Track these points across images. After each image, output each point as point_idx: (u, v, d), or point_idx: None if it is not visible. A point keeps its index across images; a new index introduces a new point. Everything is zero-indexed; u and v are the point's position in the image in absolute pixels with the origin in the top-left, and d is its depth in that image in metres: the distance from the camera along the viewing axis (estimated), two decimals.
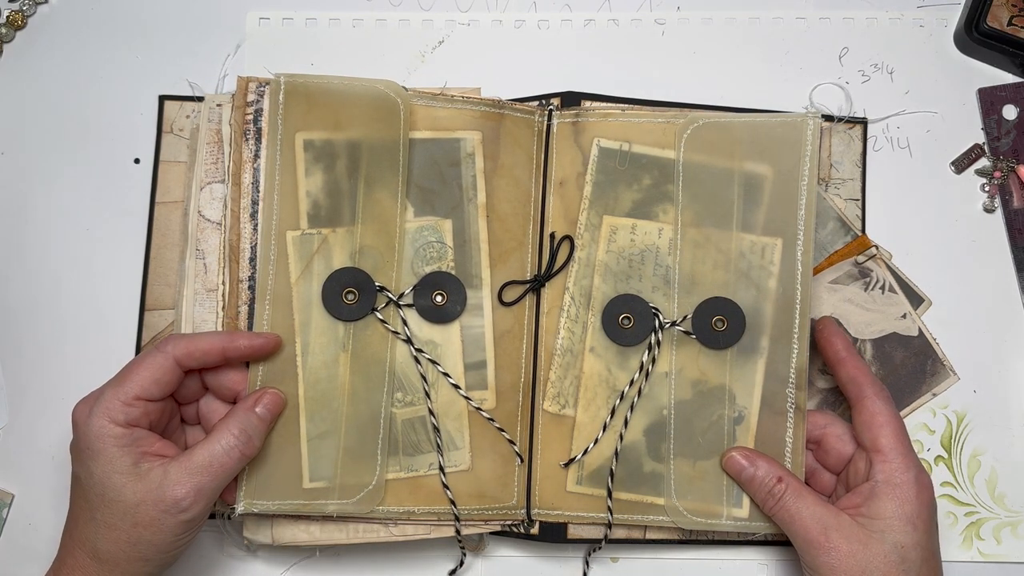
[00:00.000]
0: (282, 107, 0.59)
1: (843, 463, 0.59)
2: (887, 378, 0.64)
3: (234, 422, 0.55)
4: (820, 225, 0.64)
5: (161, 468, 0.53)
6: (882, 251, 0.65)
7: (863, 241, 0.65)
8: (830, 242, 0.65)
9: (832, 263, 0.64)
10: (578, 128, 0.62)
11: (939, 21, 0.68)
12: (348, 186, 0.59)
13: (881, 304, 0.65)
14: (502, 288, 0.61)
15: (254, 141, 0.60)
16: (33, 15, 0.67)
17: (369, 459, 0.58)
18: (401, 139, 0.60)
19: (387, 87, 0.60)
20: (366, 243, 0.59)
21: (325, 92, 0.60)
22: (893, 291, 0.65)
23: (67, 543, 0.54)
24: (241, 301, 0.59)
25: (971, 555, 0.63)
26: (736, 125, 0.61)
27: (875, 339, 0.64)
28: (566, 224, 0.62)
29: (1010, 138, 0.66)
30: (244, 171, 0.60)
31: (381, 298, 0.59)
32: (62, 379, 0.64)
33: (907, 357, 0.64)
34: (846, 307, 0.64)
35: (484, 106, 0.61)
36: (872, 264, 0.64)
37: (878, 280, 0.65)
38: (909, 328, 0.65)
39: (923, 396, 0.64)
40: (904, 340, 0.64)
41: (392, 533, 0.59)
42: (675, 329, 0.60)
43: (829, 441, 0.59)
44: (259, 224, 0.59)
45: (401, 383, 0.59)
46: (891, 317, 0.65)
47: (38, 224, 0.65)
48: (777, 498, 0.57)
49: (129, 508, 0.52)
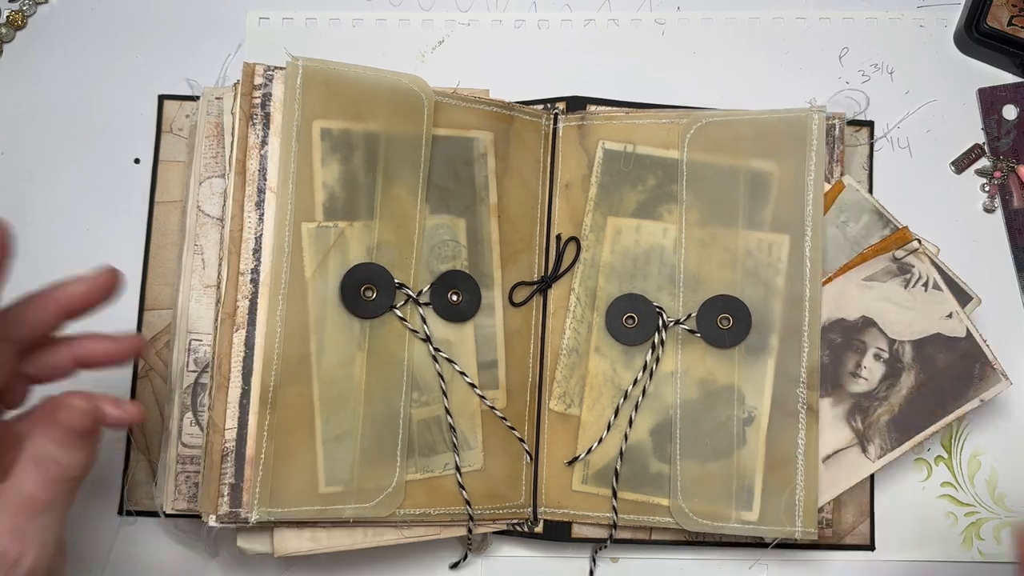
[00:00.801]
0: (300, 92, 0.57)
1: None
2: (928, 383, 0.60)
3: (28, 451, 0.44)
4: (852, 219, 0.62)
5: None
6: (926, 245, 0.61)
7: (903, 234, 0.61)
8: (864, 236, 0.62)
9: (865, 259, 0.61)
10: (583, 131, 0.62)
11: (939, 21, 0.68)
12: (365, 179, 0.58)
13: (923, 303, 0.61)
14: (512, 288, 0.61)
15: (261, 127, 0.57)
16: (33, 15, 0.67)
17: (388, 461, 0.57)
18: (424, 136, 0.59)
19: (412, 81, 0.59)
20: (384, 239, 0.58)
21: (345, 80, 0.58)
22: (938, 288, 0.61)
23: None
24: (241, 295, 0.57)
25: (971, 555, 0.63)
26: (740, 123, 0.61)
27: (915, 340, 0.61)
28: (572, 226, 0.62)
29: (1010, 138, 0.66)
30: (250, 158, 0.57)
31: (400, 296, 0.58)
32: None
33: (952, 360, 0.61)
34: (882, 306, 0.61)
35: (495, 107, 0.61)
36: (913, 259, 0.61)
37: (920, 276, 0.61)
38: (955, 329, 0.61)
39: (971, 402, 0.60)
40: (949, 342, 0.61)
41: (404, 535, 0.58)
42: (679, 328, 0.60)
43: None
44: (273, 214, 0.57)
45: (417, 383, 0.58)
46: (935, 317, 0.61)
47: (38, 224, 0.65)
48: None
49: None
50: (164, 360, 0.63)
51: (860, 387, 0.61)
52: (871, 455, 0.61)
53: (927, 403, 0.61)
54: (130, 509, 0.62)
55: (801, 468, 0.58)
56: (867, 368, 0.61)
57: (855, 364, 0.61)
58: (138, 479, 0.62)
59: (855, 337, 0.61)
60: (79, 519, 0.62)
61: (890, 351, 0.61)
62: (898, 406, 0.61)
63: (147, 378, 0.63)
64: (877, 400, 0.61)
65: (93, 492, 0.62)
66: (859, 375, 0.61)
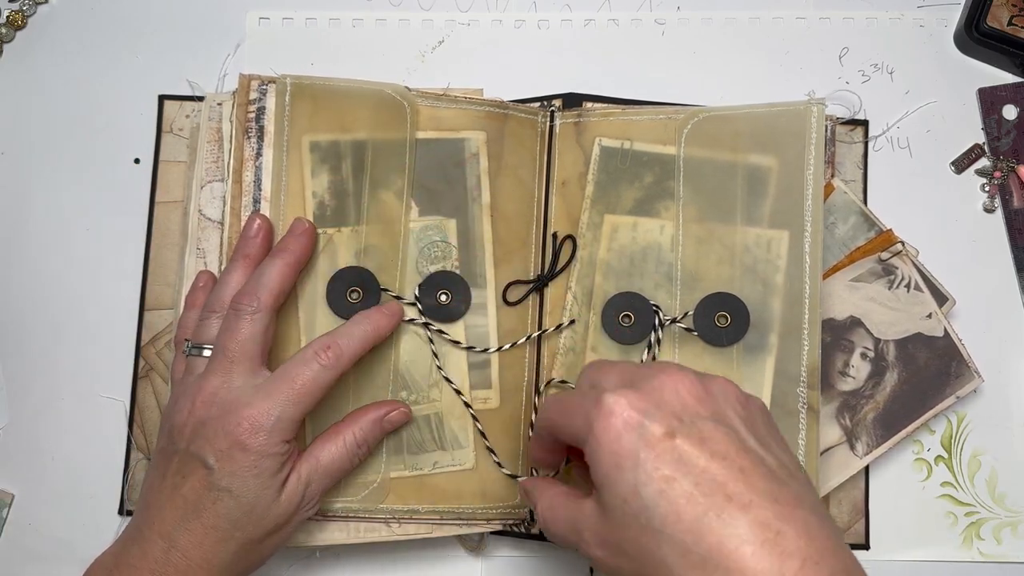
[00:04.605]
0: (288, 109, 0.59)
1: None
2: (910, 380, 0.62)
3: (359, 428, 0.55)
4: (841, 220, 0.63)
5: (296, 476, 0.52)
6: (908, 247, 0.63)
7: (888, 237, 0.63)
8: (851, 238, 0.63)
9: (854, 260, 0.63)
10: (580, 128, 0.62)
11: (939, 21, 0.68)
12: (354, 186, 0.59)
13: (906, 303, 0.63)
14: (506, 288, 0.61)
15: (256, 139, 0.59)
16: (33, 15, 0.67)
17: (373, 457, 0.58)
18: (408, 141, 0.60)
19: (393, 90, 0.60)
20: (371, 242, 0.59)
21: (331, 94, 0.60)
22: (919, 289, 0.63)
23: (165, 558, 0.49)
24: None
25: (971, 555, 0.63)
26: (738, 118, 0.60)
27: (898, 340, 0.63)
28: (569, 224, 0.62)
29: (1010, 138, 0.66)
30: (246, 169, 0.59)
31: (385, 297, 0.59)
32: (62, 379, 0.63)
33: (931, 358, 0.62)
34: (868, 306, 0.62)
35: (488, 107, 0.61)
36: (897, 261, 0.63)
37: (903, 278, 0.62)
38: (934, 328, 0.63)
39: (947, 399, 0.62)
40: (929, 341, 0.62)
41: (394, 532, 0.59)
42: (676, 326, 0.60)
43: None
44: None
45: (406, 382, 0.59)
46: (916, 317, 0.63)
47: (38, 224, 0.65)
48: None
49: (274, 524, 0.51)
50: (164, 360, 0.63)
51: (848, 385, 0.62)
52: (859, 452, 0.62)
53: (910, 400, 0.62)
54: (130, 509, 0.62)
55: (802, 468, 0.58)
56: (854, 367, 0.62)
57: (843, 363, 0.62)
58: (138, 479, 0.62)
59: (843, 336, 0.63)
60: (79, 519, 0.62)
61: (875, 350, 0.62)
62: (883, 403, 0.62)
63: (147, 378, 0.63)
64: (864, 398, 0.62)
65: (93, 492, 0.63)
66: (847, 373, 0.62)
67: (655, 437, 0.42)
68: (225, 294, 0.55)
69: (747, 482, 0.41)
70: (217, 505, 0.50)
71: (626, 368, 0.47)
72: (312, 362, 0.52)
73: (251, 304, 0.53)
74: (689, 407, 0.44)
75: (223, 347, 0.53)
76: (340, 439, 0.55)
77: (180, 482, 0.50)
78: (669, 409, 0.43)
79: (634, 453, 0.42)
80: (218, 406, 0.51)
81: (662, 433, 0.42)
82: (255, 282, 0.54)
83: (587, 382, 0.49)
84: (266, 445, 0.50)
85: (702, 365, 0.59)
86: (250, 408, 0.51)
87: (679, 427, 0.43)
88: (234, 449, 0.50)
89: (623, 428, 0.43)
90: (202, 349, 0.54)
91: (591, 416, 0.44)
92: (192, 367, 0.54)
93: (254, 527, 0.51)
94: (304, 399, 0.52)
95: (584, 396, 0.46)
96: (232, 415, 0.50)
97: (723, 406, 0.45)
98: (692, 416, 0.44)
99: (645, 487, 0.42)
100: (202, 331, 0.55)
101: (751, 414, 0.46)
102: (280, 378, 0.52)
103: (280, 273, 0.55)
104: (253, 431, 0.50)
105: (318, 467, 0.53)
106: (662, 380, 0.45)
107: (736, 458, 0.42)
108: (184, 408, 0.52)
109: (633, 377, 0.46)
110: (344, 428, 0.55)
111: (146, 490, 0.52)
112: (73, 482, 0.63)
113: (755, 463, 0.42)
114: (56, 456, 0.63)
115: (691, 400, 0.44)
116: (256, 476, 0.50)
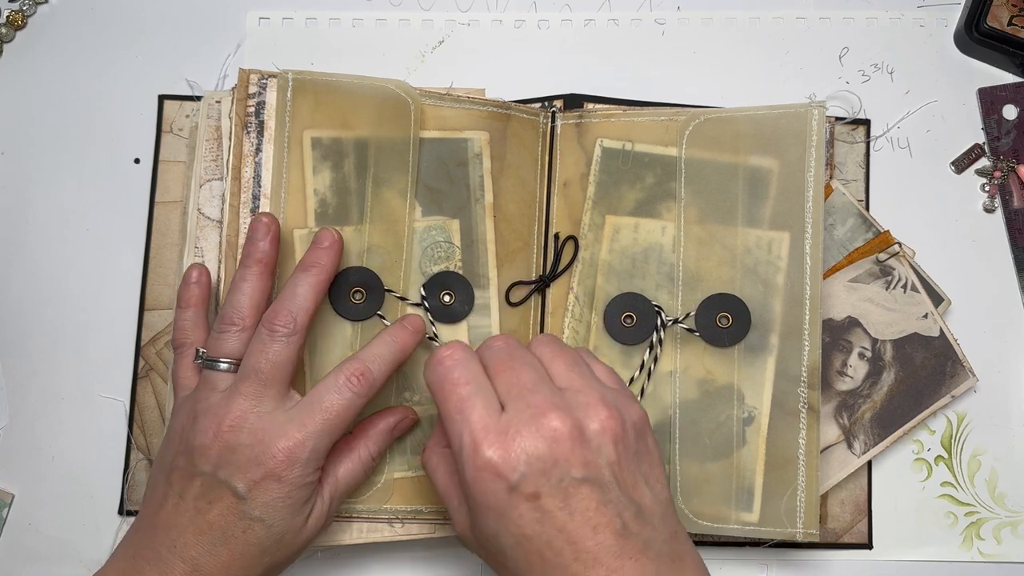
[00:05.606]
0: (290, 104, 0.59)
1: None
2: (907, 380, 0.63)
3: (372, 442, 0.56)
4: (839, 222, 0.63)
5: (321, 501, 0.52)
6: (905, 248, 0.64)
7: (886, 238, 0.63)
8: (850, 239, 0.64)
9: (852, 261, 0.63)
10: (581, 129, 0.62)
11: (939, 21, 0.68)
12: (356, 185, 0.59)
13: (903, 304, 0.63)
14: (509, 288, 0.61)
15: (256, 134, 0.59)
16: (33, 15, 0.67)
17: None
18: (412, 139, 0.59)
19: (398, 87, 0.60)
20: (374, 242, 0.59)
21: (333, 90, 0.59)
22: (915, 290, 0.63)
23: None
24: None
25: (971, 555, 0.63)
26: (739, 119, 0.60)
27: (895, 340, 0.63)
28: (570, 225, 0.62)
29: (1010, 138, 0.66)
30: (245, 165, 0.59)
31: (390, 298, 0.59)
32: (62, 379, 0.63)
33: (927, 358, 0.63)
34: (866, 307, 0.63)
35: (491, 107, 0.61)
36: (894, 262, 0.63)
37: (900, 279, 0.63)
38: (930, 328, 0.63)
39: (942, 398, 0.63)
40: (925, 341, 0.63)
41: (397, 532, 0.59)
42: (678, 327, 0.60)
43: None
44: None
45: (409, 382, 0.59)
46: (913, 317, 0.63)
47: (38, 224, 0.65)
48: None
49: (300, 548, 0.52)
50: (164, 360, 0.63)
51: (846, 385, 0.63)
52: (856, 451, 0.62)
53: (906, 399, 0.63)
54: (130, 509, 0.62)
55: (802, 469, 0.58)
56: (852, 367, 0.63)
57: (841, 363, 0.62)
58: (138, 479, 0.62)
59: (841, 337, 0.63)
60: (79, 519, 0.62)
61: (873, 350, 0.63)
62: (880, 403, 0.63)
63: (147, 378, 0.63)
64: (861, 397, 0.63)
65: (93, 492, 0.62)
66: (845, 373, 0.63)
67: (521, 496, 0.45)
68: (243, 304, 0.53)
69: (596, 539, 0.44)
70: (248, 534, 0.49)
71: (525, 393, 0.47)
72: (345, 390, 0.52)
73: (287, 326, 0.52)
74: (560, 461, 0.45)
75: (255, 368, 0.51)
76: (355, 455, 0.55)
77: (206, 507, 0.49)
78: (540, 467, 0.45)
79: (499, 508, 0.45)
80: (248, 432, 0.50)
81: (529, 493, 0.45)
82: (290, 302, 0.53)
83: (505, 386, 0.48)
84: (301, 476, 0.50)
85: (704, 365, 0.59)
86: (285, 440, 0.50)
87: (545, 486, 0.45)
88: (268, 480, 0.49)
89: (491, 482, 0.45)
90: (219, 363, 0.53)
91: (465, 456, 0.46)
92: (211, 382, 0.52)
93: (282, 553, 0.51)
94: (337, 429, 0.51)
95: (465, 418, 0.47)
96: (266, 446, 0.50)
97: (595, 455, 0.46)
98: (561, 473, 0.45)
99: (504, 538, 0.46)
100: (220, 344, 0.53)
101: (624, 453, 0.47)
102: (313, 407, 0.51)
103: (314, 291, 0.53)
104: (289, 464, 0.50)
105: (338, 487, 0.54)
106: (542, 426, 0.46)
107: (594, 515, 0.45)
108: (208, 429, 0.50)
109: (527, 407, 0.47)
110: (357, 443, 0.55)
111: (157, 508, 0.51)
112: (73, 482, 0.63)
113: (611, 519, 0.45)
114: (56, 456, 0.63)
115: (564, 451, 0.45)
116: (289, 507, 0.50)
